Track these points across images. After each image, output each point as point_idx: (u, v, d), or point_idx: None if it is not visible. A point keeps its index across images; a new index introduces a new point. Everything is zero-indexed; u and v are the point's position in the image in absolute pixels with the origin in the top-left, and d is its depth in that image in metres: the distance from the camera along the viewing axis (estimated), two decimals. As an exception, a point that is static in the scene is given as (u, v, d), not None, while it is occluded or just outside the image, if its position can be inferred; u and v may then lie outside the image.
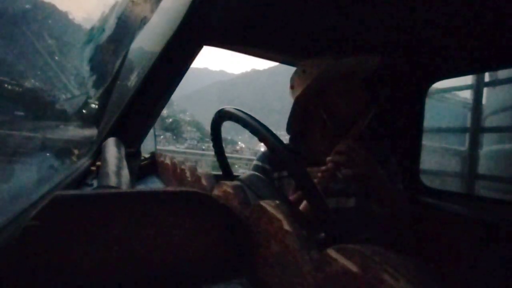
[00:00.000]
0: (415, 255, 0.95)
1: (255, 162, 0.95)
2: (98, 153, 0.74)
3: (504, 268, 0.84)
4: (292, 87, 0.91)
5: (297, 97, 0.87)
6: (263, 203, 0.29)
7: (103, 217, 0.24)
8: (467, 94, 2.68)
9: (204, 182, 0.46)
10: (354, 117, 0.79)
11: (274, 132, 0.49)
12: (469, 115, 2.56)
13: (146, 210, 0.26)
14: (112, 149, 0.62)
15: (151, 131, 1.06)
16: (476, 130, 2.54)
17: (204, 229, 0.29)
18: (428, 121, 1.22)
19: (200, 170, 0.54)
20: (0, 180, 0.46)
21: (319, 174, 0.74)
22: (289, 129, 0.95)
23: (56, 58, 0.74)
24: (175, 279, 0.28)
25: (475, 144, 2.48)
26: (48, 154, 0.66)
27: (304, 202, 0.65)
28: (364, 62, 0.84)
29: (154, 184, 0.80)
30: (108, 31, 0.82)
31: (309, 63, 0.86)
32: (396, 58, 1.06)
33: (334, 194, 0.85)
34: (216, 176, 0.70)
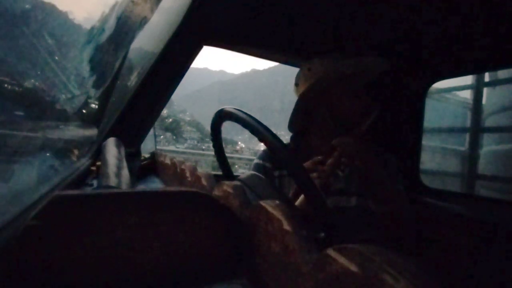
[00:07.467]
0: (415, 255, 0.95)
1: (256, 161, 0.95)
2: (98, 153, 0.74)
3: (504, 268, 0.84)
4: (296, 84, 0.90)
5: (301, 95, 0.87)
6: (263, 203, 0.28)
7: (103, 217, 0.24)
8: (467, 94, 2.68)
9: (204, 182, 0.46)
10: (356, 117, 0.79)
11: (274, 132, 0.49)
12: (469, 115, 2.55)
13: (146, 210, 0.26)
14: (112, 149, 0.62)
15: (151, 131, 1.06)
16: (476, 130, 2.54)
17: (204, 229, 0.29)
18: (429, 121, 1.22)
19: (200, 170, 0.53)
20: (0, 180, 0.46)
21: (319, 159, 0.74)
22: (291, 127, 0.94)
23: (56, 58, 0.74)
24: (175, 279, 0.28)
25: (475, 144, 2.48)
26: (48, 154, 0.66)
27: (301, 198, 0.65)
28: (370, 65, 0.84)
29: (154, 184, 0.80)
30: (108, 31, 0.82)
31: (315, 62, 0.86)
32: (396, 58, 1.06)
33: (335, 193, 0.85)
34: (216, 176, 0.70)
